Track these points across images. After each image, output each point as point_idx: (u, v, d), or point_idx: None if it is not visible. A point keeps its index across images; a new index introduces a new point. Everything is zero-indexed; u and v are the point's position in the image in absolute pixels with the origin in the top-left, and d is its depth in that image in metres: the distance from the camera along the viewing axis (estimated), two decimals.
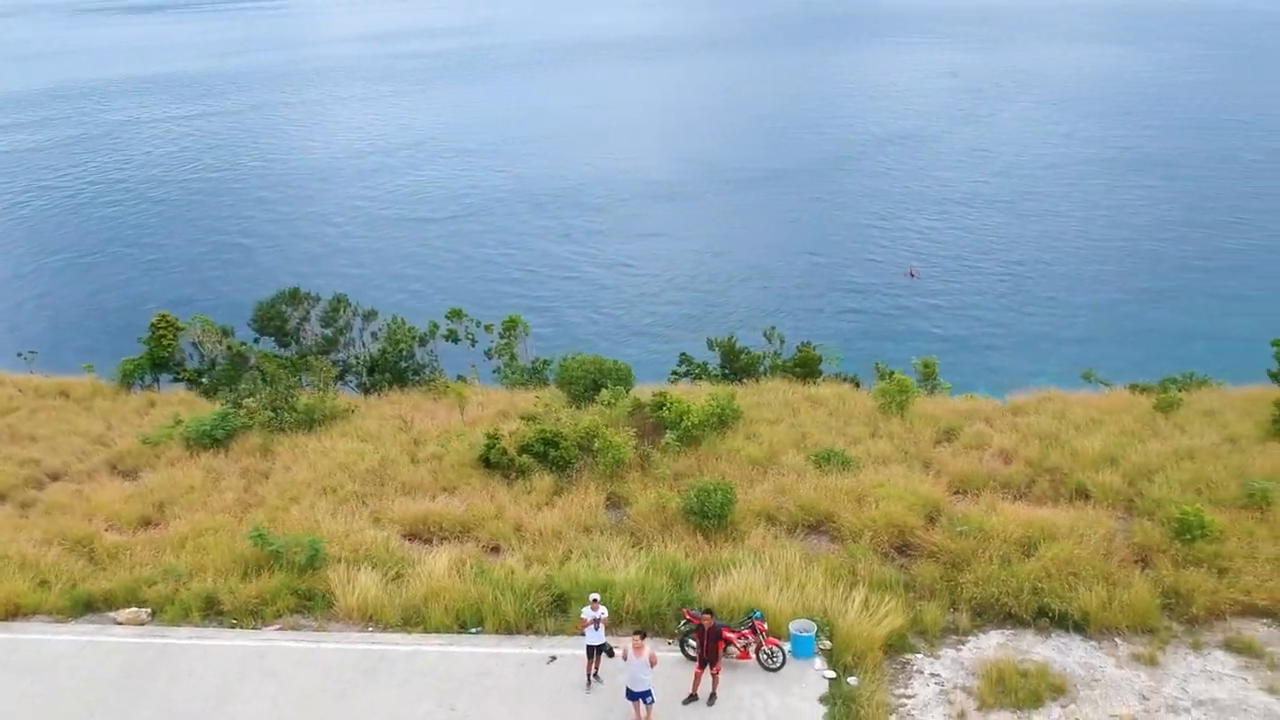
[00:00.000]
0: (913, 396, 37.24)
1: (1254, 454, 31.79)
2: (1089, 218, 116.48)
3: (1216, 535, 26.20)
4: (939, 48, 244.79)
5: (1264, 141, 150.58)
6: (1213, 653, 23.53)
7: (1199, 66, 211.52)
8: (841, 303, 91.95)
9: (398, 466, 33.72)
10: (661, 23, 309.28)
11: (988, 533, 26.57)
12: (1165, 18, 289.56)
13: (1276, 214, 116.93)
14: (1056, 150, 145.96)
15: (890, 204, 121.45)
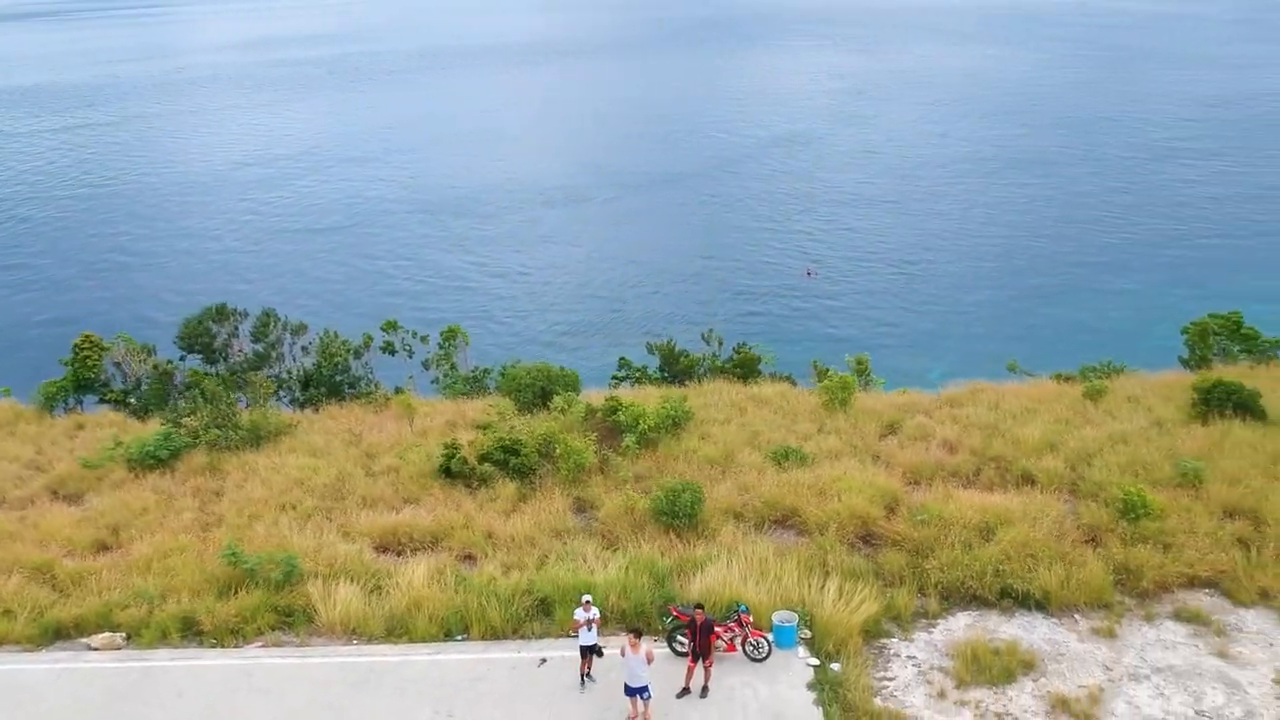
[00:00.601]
0: (854, 393, 38.42)
1: (1180, 436, 33.73)
2: (973, 215, 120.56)
3: (1158, 513, 27.81)
4: (821, 50, 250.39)
5: (1131, 138, 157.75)
6: (1164, 623, 25.02)
7: (1070, 67, 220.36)
8: (740, 305, 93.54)
9: (355, 480, 33.59)
10: (545, 28, 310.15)
11: (947, 520, 27.76)
12: (1037, 20, 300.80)
13: (1145, 209, 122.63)
14: (939, 149, 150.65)
15: (782, 205, 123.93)
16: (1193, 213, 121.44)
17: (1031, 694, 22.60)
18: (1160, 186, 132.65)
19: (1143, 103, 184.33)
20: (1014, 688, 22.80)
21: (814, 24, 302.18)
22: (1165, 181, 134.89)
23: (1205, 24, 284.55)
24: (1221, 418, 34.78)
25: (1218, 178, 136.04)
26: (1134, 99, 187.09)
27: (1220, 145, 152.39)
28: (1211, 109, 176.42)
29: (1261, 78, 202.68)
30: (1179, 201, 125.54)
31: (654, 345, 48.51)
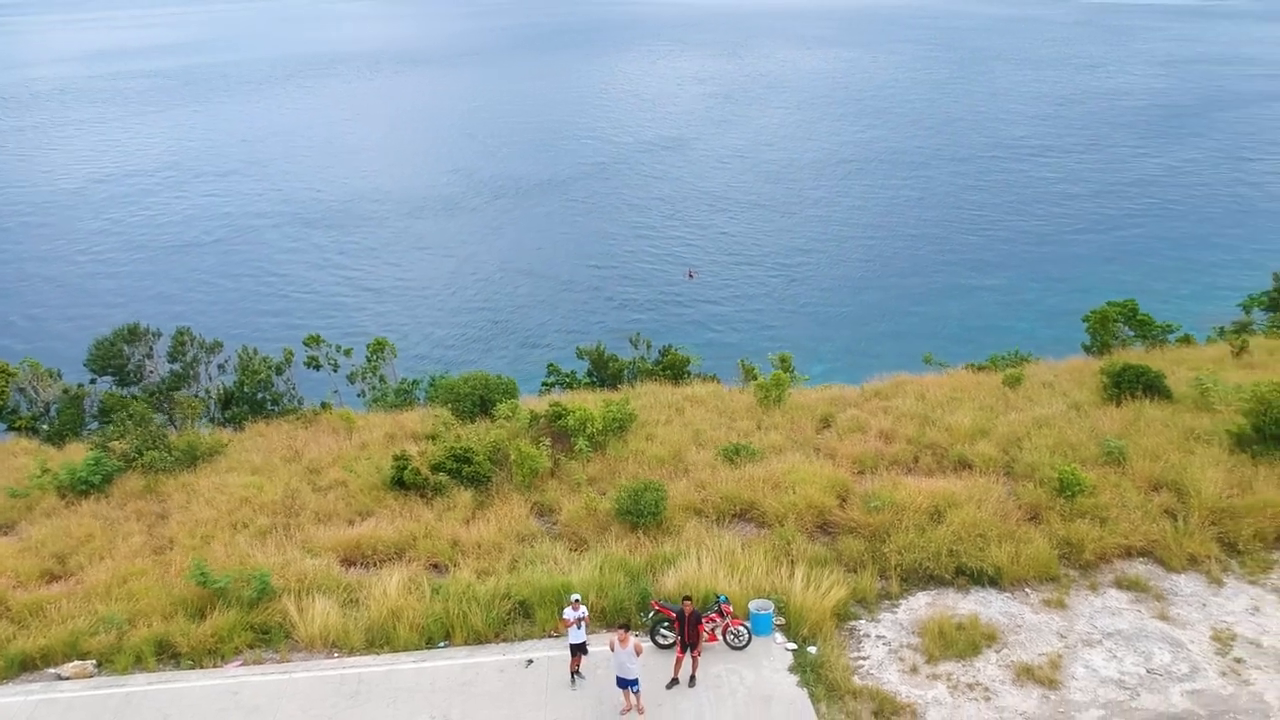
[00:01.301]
0: (788, 389, 39.68)
1: (1097, 417, 35.85)
2: (844, 215, 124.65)
3: (1091, 490, 29.64)
4: (683, 55, 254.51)
5: (988, 136, 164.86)
6: (1108, 591, 26.75)
7: (925, 68, 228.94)
8: (622, 308, 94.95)
9: (303, 496, 33.37)
10: (396, 36, 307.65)
11: (899, 505, 29.08)
12: (890, 22, 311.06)
13: (1004, 205, 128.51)
14: (807, 151, 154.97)
15: (656, 209, 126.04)
16: (1049, 208, 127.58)
17: (997, 664, 23.97)
18: (1017, 183, 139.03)
19: (997, 102, 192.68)
20: (980, 659, 24.15)
21: (672, 29, 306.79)
22: (1022, 178, 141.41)
23: (1048, 26, 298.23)
24: (1132, 399, 37.08)
25: (1070, 174, 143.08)
26: (988, 98, 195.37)
27: (1071, 142, 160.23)
28: (1060, 107, 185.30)
29: (1103, 77, 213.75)
30: (1036, 197, 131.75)
31: (583, 350, 49.09)
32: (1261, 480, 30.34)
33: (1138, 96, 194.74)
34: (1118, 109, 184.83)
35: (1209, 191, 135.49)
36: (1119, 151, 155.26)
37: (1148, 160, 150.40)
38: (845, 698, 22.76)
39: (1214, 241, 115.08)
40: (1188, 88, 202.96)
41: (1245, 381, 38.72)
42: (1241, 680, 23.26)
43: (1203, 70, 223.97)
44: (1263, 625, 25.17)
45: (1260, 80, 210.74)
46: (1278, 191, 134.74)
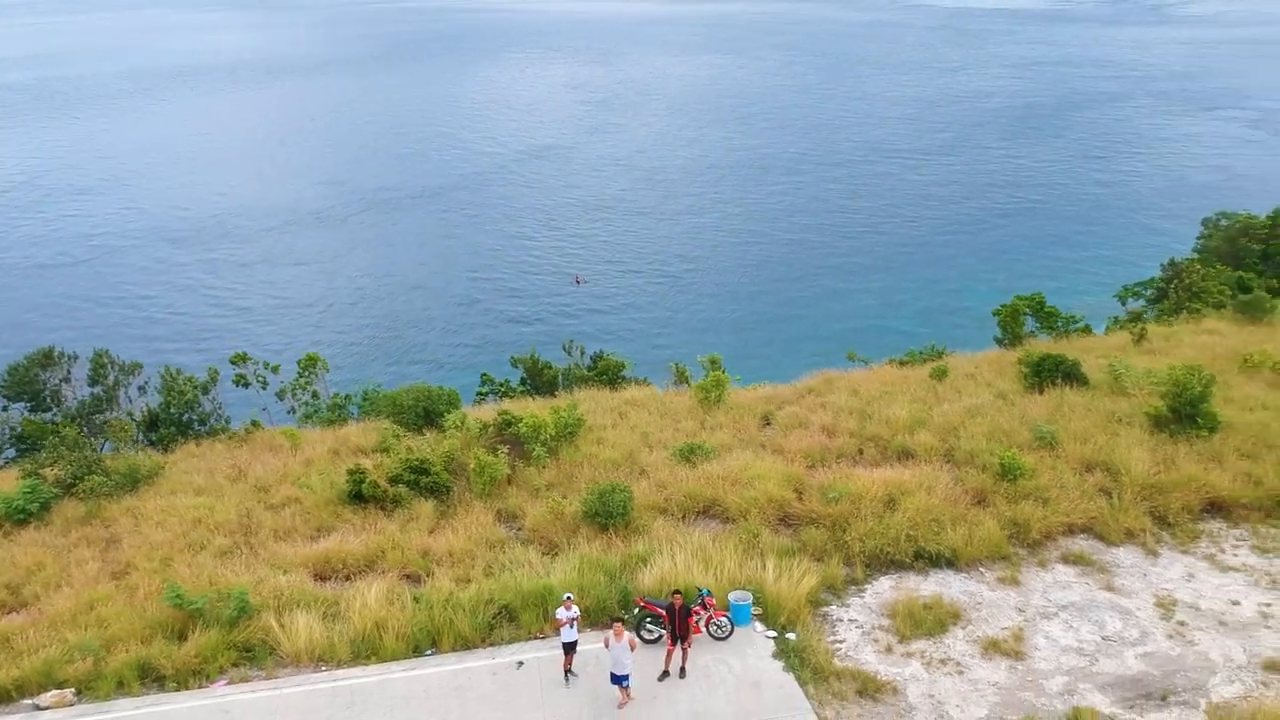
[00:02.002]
0: (727, 389, 40.76)
1: (1024, 405, 37.78)
2: (726, 219, 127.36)
3: (1030, 473, 31.36)
4: (555, 62, 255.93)
5: (861, 138, 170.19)
6: (1055, 566, 28.41)
7: (794, 73, 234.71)
8: (510, 316, 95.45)
9: (259, 515, 33.08)
10: (264, 45, 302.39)
11: (855, 496, 30.33)
12: (753, 28, 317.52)
13: (881, 207, 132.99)
14: (685, 157, 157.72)
15: (538, 217, 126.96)
16: (919, 209, 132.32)
17: (964, 640, 25.32)
18: (888, 185, 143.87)
19: (864, 105, 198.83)
20: (948, 637, 25.47)
21: (538, 36, 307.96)
22: (892, 180, 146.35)
23: (908, 31, 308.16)
24: (1053, 386, 39.17)
25: (938, 174, 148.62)
26: (856, 102, 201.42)
27: (937, 144, 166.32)
28: (926, 110, 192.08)
29: (964, 80, 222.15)
30: (906, 199, 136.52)
31: (517, 359, 49.42)
32: (1183, 457, 32.51)
33: (998, 98, 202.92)
34: (979, 110, 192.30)
35: (1067, 189, 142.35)
36: (983, 152, 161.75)
37: (1010, 160, 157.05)
38: (830, 679, 23.81)
39: (1074, 239, 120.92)
40: (1043, 89, 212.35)
41: (1149, 366, 41.37)
42: (1187, 641, 25.05)
43: (1055, 72, 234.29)
44: (1198, 590, 27.09)
45: (1108, 81, 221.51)
46: (1129, 189, 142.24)
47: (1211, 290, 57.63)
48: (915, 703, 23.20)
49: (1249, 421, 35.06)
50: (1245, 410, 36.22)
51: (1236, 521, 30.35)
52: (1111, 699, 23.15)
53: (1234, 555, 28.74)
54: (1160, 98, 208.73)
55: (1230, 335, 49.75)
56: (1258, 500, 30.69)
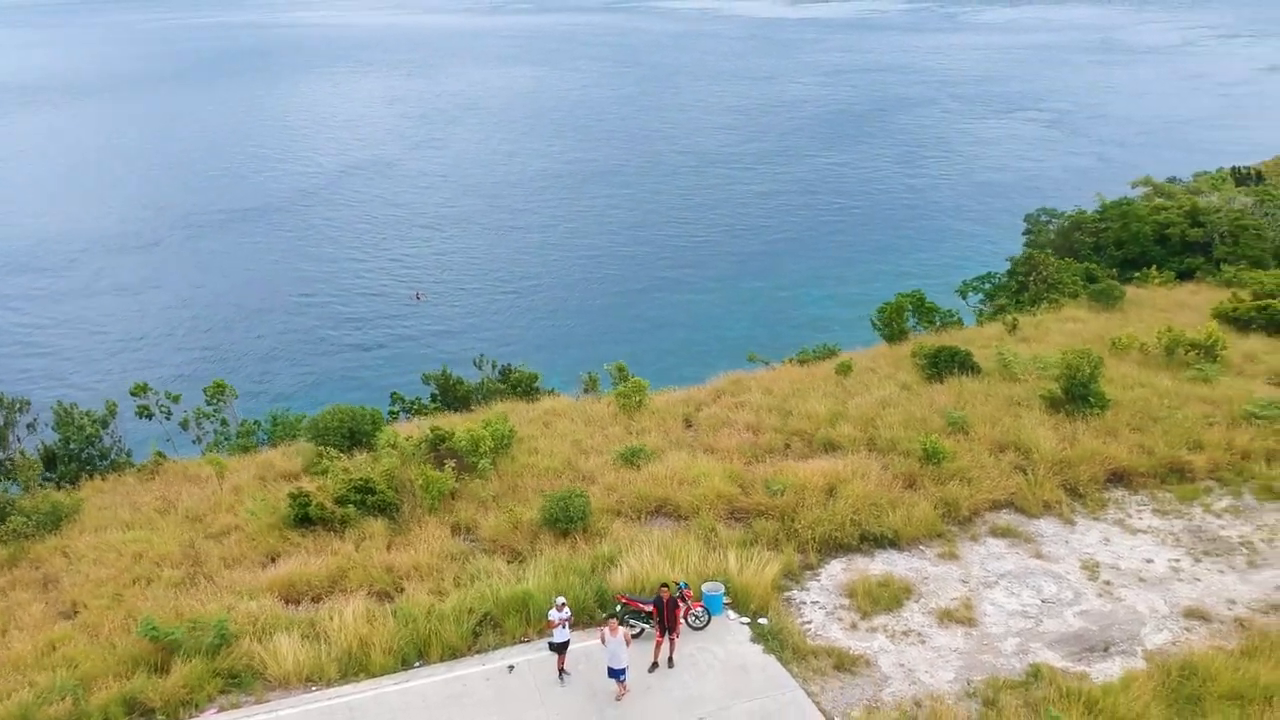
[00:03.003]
0: (647, 394, 42.08)
1: (929, 394, 40.34)
2: (560, 233, 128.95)
3: (951, 456, 33.73)
4: (371, 76, 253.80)
5: (686, 148, 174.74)
6: (987, 540, 30.75)
7: (613, 84, 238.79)
8: (348, 336, 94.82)
9: (201, 545, 32.63)
10: (52, 64, 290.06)
11: (797, 487, 32.06)
12: (568, 40, 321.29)
13: (712, 215, 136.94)
14: (513, 169, 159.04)
15: (369, 234, 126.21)
16: (749, 216, 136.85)
17: (920, 612, 27.28)
18: (717, 193, 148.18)
19: (687, 115, 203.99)
20: (905, 610, 27.38)
21: (349, 50, 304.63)
22: (720, 188, 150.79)
23: (721, 41, 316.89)
24: (950, 376, 41.92)
25: (764, 181, 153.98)
26: (678, 112, 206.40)
27: (761, 151, 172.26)
28: (747, 118, 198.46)
29: (779, 88, 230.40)
30: (735, 206, 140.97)
31: (429, 375, 49.51)
32: (1082, 434, 35.51)
33: (813, 105, 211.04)
34: (797, 118, 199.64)
35: (886, 192, 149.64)
36: (804, 159, 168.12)
37: (830, 165, 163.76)
38: (807, 657, 25.36)
39: (896, 238, 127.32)
40: (855, 95, 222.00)
41: (1030, 353, 44.72)
42: (1115, 598, 27.63)
43: (865, 78, 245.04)
44: (1116, 552, 29.82)
45: (915, 87, 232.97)
46: (942, 189, 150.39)
47: (1066, 281, 62.16)
48: (889, 672, 24.94)
49: (1132, 398, 38.45)
50: (1125, 388, 39.64)
51: (1136, 489, 33.39)
52: (1061, 654, 25.41)
53: (1140, 519, 31.68)
54: (964, 101, 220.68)
55: (1090, 321, 53.97)
56: (1152, 468, 33.84)
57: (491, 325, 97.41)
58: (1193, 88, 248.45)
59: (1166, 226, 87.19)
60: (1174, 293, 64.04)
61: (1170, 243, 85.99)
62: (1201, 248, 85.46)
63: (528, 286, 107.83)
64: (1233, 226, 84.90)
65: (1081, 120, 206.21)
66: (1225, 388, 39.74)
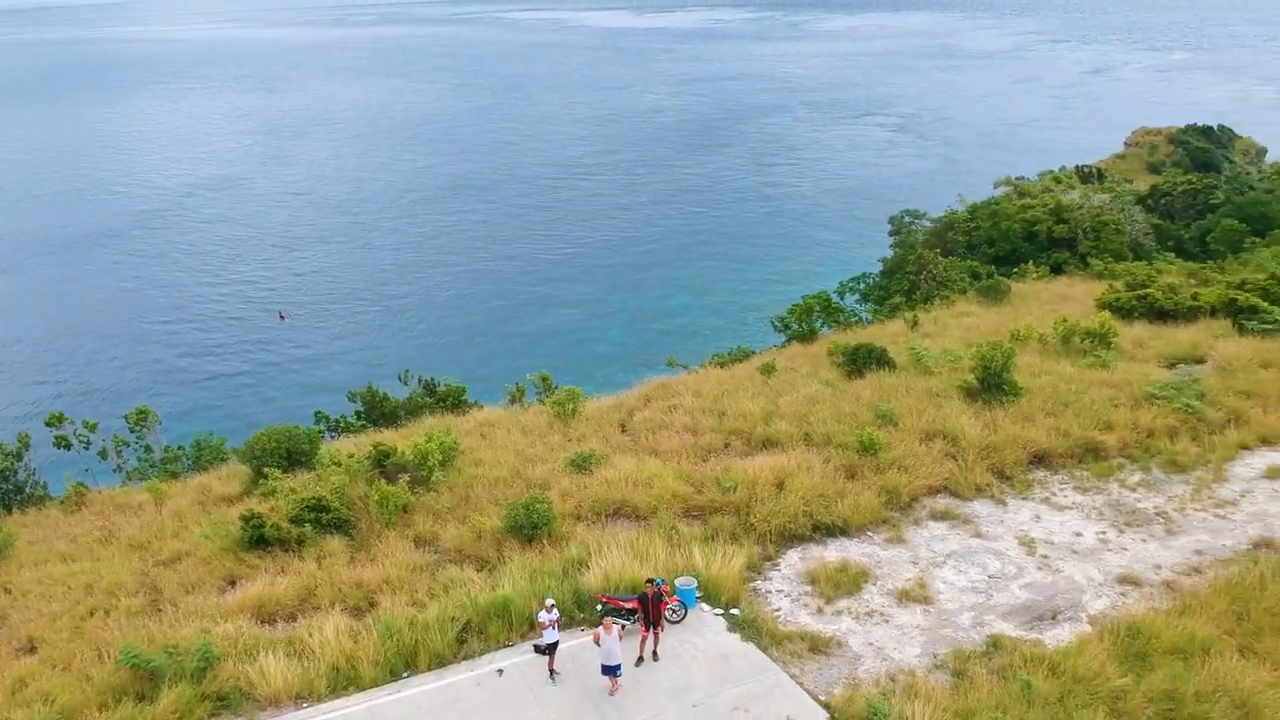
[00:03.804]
0: (581, 401, 42.94)
1: (852, 390, 42.25)
2: (425, 245, 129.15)
3: (885, 447, 35.57)
4: (213, 92, 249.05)
5: (545, 158, 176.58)
6: (928, 523, 32.62)
7: (468, 95, 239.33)
8: (213, 360, 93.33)
9: (156, 573, 32.19)
10: None
11: (748, 483, 33.39)
12: (416, 52, 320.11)
13: (575, 224, 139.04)
14: (373, 183, 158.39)
15: (223, 254, 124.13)
16: (612, 223, 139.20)
17: (879, 594, 28.88)
18: (579, 202, 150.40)
19: (544, 125, 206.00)
20: (865, 593, 28.95)
21: (185, 66, 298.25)
22: (582, 197, 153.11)
23: (571, 51, 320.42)
24: (869, 371, 43.96)
25: (625, 189, 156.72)
26: (535, 122, 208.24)
27: (620, 160, 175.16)
28: (603, 127, 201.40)
29: (635, 97, 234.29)
30: (598, 214, 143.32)
31: (354, 393, 49.28)
32: (1001, 420, 37.85)
33: (670, 113, 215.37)
34: (655, 126, 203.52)
35: (746, 197, 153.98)
36: (665, 168, 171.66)
37: (691, 172, 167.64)
38: (783, 642, 26.64)
39: (758, 242, 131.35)
40: (710, 103, 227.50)
41: (935, 347, 47.18)
42: (1054, 570, 29.75)
43: (718, 86, 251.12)
44: (1048, 528, 32.02)
45: (767, 94, 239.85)
46: (798, 195, 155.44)
47: (955, 279, 65.37)
48: (860, 651, 26.42)
49: (1040, 385, 41.06)
50: (1032, 376, 42.27)
51: (1056, 469, 35.82)
52: (1014, 624, 27.30)
53: (1064, 497, 34.03)
54: (814, 108, 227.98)
55: (983, 316, 57.06)
56: (1069, 449, 36.34)
57: (361, 344, 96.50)
58: (1027, 90, 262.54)
59: (1034, 224, 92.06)
60: (1051, 286, 67.89)
61: (1038, 239, 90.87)
62: (1067, 243, 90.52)
63: (396, 304, 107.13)
64: (1094, 223, 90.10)
65: (927, 124, 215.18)
66: (1122, 372, 42.76)
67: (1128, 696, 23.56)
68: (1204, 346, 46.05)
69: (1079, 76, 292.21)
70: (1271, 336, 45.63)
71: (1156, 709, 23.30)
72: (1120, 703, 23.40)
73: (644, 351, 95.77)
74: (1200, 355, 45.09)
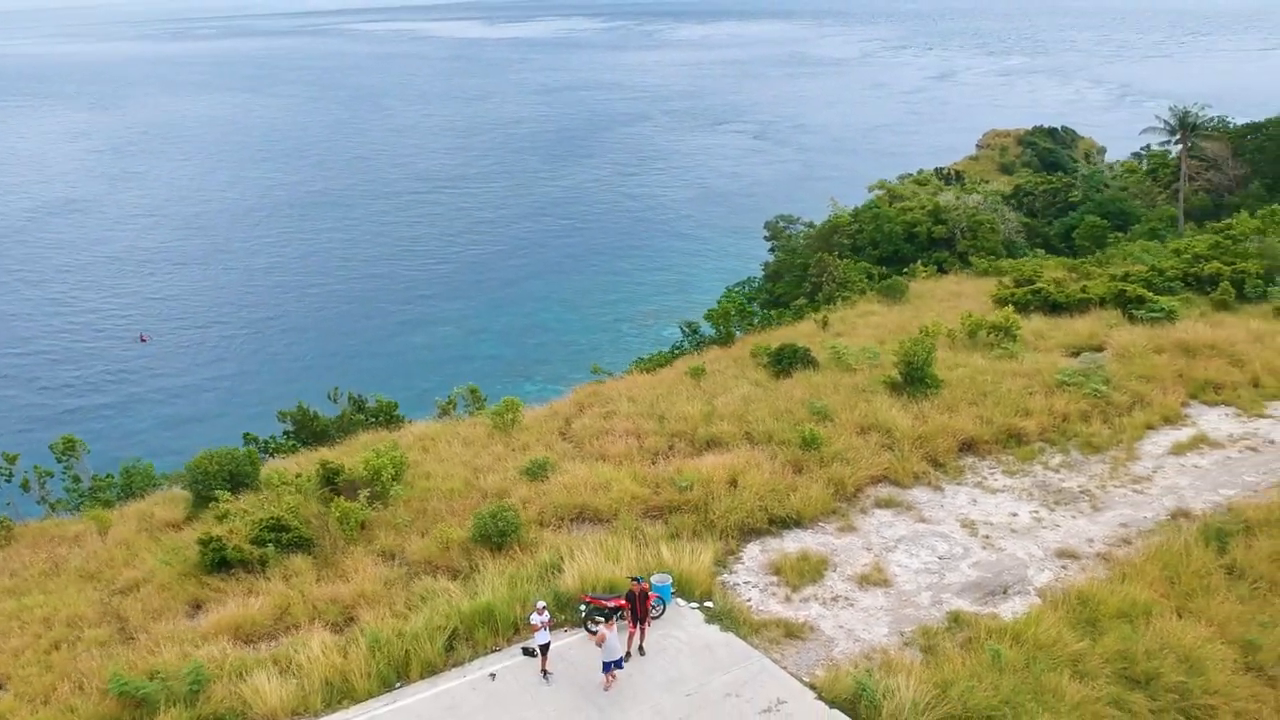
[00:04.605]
0: (520, 411, 43.61)
1: (783, 388, 43.94)
2: (288, 262, 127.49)
3: (826, 442, 37.28)
4: (46, 110, 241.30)
5: (405, 170, 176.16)
6: (874, 511, 34.41)
7: (321, 108, 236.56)
8: (72, 394, 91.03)
9: (116, 603, 31.75)
10: None
11: (703, 481, 34.64)
12: (261, 65, 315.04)
13: (440, 236, 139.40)
14: (228, 200, 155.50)
15: (74, 278, 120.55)
16: (477, 235, 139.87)
17: (840, 580, 30.46)
18: (443, 214, 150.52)
19: (402, 137, 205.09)
20: (828, 580, 30.49)
21: (14, 83, 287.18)
22: (446, 209, 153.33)
23: (423, 62, 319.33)
24: (795, 370, 45.74)
25: (489, 200, 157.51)
26: (392, 135, 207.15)
27: (482, 170, 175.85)
28: (464, 138, 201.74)
29: (494, 107, 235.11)
30: (463, 227, 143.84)
31: (284, 412, 48.81)
32: (928, 411, 39.98)
33: (531, 123, 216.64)
34: (517, 136, 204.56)
35: (612, 204, 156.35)
36: (531, 178, 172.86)
37: (556, 181, 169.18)
38: (760, 630, 27.95)
39: (626, 250, 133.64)
40: (570, 113, 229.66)
41: (845, 346, 49.30)
42: (998, 549, 31.81)
43: (577, 96, 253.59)
44: (985, 510, 34.14)
45: (627, 103, 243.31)
46: (666, 202, 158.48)
47: (855, 279, 68.01)
48: (832, 634, 27.90)
49: (958, 377, 43.44)
50: (948, 369, 44.64)
51: (984, 455, 38.08)
52: (969, 600, 29.19)
53: (994, 480, 36.27)
54: (675, 116, 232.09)
55: (886, 314, 59.69)
56: (993, 435, 38.68)
57: (230, 372, 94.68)
58: (877, 96, 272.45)
59: (914, 225, 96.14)
60: (942, 284, 71.05)
61: (918, 240, 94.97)
62: (946, 243, 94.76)
63: (262, 327, 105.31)
64: (970, 222, 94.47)
65: (784, 131, 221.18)
66: (1030, 362, 45.52)
67: (1086, 659, 25.59)
68: (1100, 335, 49.30)
69: (925, 82, 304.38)
70: (1159, 324, 49.15)
71: (1113, 668, 25.39)
72: (1080, 665, 25.39)
73: (521, 364, 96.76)
74: (1099, 344, 48.26)
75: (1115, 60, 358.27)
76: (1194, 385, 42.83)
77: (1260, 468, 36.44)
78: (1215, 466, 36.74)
